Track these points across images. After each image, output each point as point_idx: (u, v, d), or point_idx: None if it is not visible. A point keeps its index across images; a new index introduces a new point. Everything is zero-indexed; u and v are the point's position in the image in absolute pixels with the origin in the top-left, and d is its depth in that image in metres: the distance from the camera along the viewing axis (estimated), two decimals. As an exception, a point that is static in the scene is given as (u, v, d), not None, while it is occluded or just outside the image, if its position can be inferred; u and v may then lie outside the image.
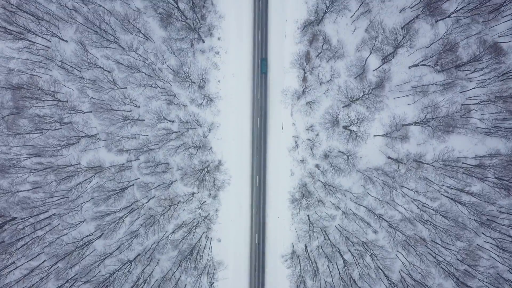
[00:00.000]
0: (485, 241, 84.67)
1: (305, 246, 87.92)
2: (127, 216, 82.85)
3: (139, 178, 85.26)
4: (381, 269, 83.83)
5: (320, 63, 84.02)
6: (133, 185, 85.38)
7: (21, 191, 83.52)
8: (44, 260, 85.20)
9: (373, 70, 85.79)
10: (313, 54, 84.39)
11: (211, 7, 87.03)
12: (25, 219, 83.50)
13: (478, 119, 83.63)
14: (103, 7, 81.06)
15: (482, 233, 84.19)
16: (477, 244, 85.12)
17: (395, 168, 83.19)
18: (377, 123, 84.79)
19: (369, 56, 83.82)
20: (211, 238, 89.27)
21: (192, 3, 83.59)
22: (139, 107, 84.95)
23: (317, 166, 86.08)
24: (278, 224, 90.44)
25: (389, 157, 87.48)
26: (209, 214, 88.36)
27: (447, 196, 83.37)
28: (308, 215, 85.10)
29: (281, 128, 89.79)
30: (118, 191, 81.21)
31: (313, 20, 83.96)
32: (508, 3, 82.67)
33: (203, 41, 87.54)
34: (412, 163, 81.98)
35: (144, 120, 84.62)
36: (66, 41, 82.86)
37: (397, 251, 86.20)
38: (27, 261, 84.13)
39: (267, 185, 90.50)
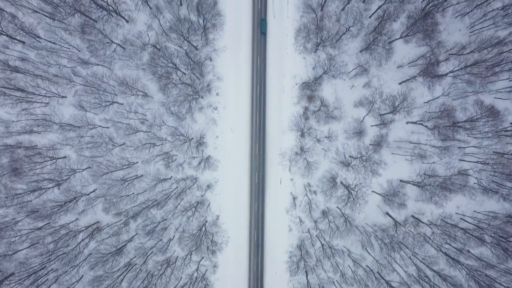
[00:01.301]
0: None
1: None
2: (124, 277, 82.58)
3: (135, 234, 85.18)
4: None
5: (318, 125, 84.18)
6: (131, 240, 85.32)
7: (20, 250, 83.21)
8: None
9: (371, 126, 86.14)
10: (311, 115, 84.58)
11: (210, 63, 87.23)
12: (23, 278, 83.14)
13: (475, 178, 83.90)
14: (105, 63, 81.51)
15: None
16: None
17: (393, 228, 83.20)
18: (375, 181, 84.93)
19: (366, 115, 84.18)
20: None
21: (190, 60, 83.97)
22: (136, 162, 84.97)
23: (316, 225, 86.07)
24: (276, 279, 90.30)
25: (387, 213, 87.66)
26: (207, 270, 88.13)
27: (445, 253, 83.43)
28: (307, 278, 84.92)
29: (279, 183, 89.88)
30: (115, 252, 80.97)
31: (311, 81, 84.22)
32: (504, 64, 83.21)
33: (202, 97, 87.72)
34: (410, 226, 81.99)
35: (142, 175, 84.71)
36: (65, 96, 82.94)
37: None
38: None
39: (265, 240, 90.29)
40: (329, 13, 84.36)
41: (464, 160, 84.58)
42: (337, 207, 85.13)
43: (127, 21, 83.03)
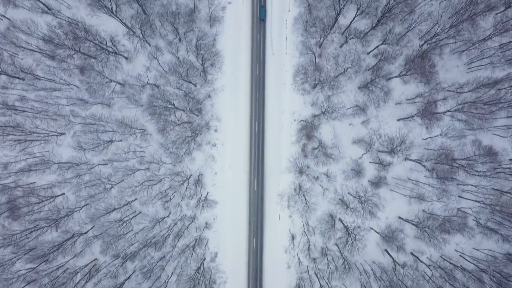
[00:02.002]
0: None
1: None
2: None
3: (133, 272, 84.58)
4: None
5: (316, 165, 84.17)
6: (128, 278, 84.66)
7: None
8: None
9: (370, 162, 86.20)
10: (309, 155, 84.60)
11: (209, 101, 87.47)
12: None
13: (474, 218, 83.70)
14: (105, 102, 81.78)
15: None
16: None
17: (392, 269, 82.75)
18: (373, 221, 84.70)
19: (365, 154, 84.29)
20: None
21: (189, 99, 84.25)
22: (135, 199, 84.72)
23: (314, 263, 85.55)
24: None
25: (386, 251, 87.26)
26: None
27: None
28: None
29: (278, 219, 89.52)
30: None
31: (309, 120, 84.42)
32: (501, 103, 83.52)
33: (200, 134, 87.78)
34: (409, 268, 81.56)
35: (140, 212, 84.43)
36: (64, 133, 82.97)
37: None
38: None
39: (263, 278, 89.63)
40: (327, 54, 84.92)
41: (462, 197, 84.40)
42: (336, 244, 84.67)
43: (126, 58, 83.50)
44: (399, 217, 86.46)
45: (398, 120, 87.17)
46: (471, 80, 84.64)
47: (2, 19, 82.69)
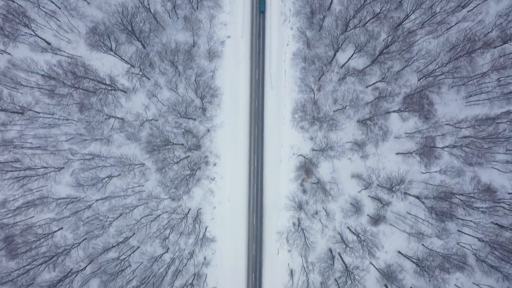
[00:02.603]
0: None
1: None
2: None
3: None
4: None
5: (315, 203, 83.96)
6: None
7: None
8: None
9: (369, 196, 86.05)
10: (308, 192, 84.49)
11: (208, 137, 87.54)
12: None
13: (474, 255, 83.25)
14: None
15: None
16: None
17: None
18: (373, 260, 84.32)
19: (364, 189, 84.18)
20: None
21: (188, 135, 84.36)
22: (133, 235, 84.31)
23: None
24: None
25: (385, 286, 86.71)
26: None
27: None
28: None
29: (277, 253, 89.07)
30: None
31: (308, 156, 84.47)
32: (500, 139, 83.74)
33: (199, 169, 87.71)
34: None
35: (139, 247, 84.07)
36: (63, 167, 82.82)
37: None
38: None
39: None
40: (326, 93, 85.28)
41: (462, 232, 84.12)
42: (336, 280, 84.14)
43: (125, 95, 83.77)
44: (399, 252, 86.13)
45: (397, 154, 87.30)
46: (469, 117, 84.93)
47: (2, 54, 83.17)
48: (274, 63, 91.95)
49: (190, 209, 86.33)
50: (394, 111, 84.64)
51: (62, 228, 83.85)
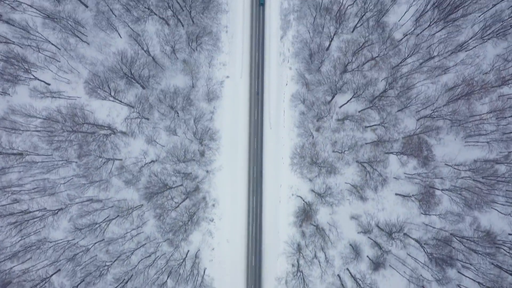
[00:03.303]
0: None
1: None
2: None
3: None
4: None
5: (314, 248, 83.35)
6: None
7: None
8: None
9: (368, 238, 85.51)
10: (308, 238, 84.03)
11: (206, 179, 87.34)
12: None
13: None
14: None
15: None
16: None
17: None
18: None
19: (363, 233, 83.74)
20: None
21: (187, 180, 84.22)
22: (131, 279, 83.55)
23: None
24: None
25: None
26: None
27: None
28: None
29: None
30: None
31: (307, 201, 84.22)
32: (500, 183, 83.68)
33: (198, 210, 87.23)
34: None
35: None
36: (61, 208, 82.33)
37: None
38: None
39: None
40: (324, 139, 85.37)
41: (462, 274, 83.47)
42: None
43: (124, 136, 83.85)
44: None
45: (396, 194, 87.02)
46: (468, 160, 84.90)
47: (3, 95, 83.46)
48: (273, 103, 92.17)
49: (188, 251, 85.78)
50: (393, 153, 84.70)
51: (59, 270, 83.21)
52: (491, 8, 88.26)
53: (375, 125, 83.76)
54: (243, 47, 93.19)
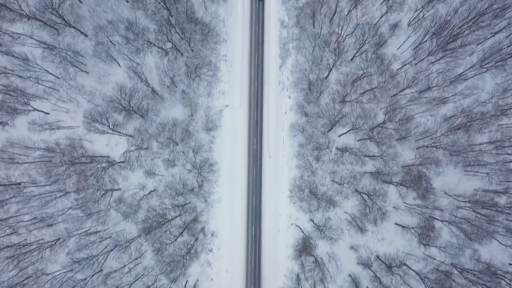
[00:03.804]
0: None
1: None
2: None
3: None
4: None
5: (313, 284, 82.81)
6: None
7: None
8: None
9: (369, 269, 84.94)
10: (307, 273, 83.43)
11: (205, 210, 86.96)
12: None
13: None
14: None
15: None
16: None
17: None
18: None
19: (363, 266, 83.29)
20: None
21: (185, 212, 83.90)
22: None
23: None
24: None
25: None
26: None
27: None
28: None
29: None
30: None
31: (307, 233, 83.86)
32: (500, 215, 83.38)
33: (196, 240, 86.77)
34: None
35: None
36: (59, 239, 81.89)
37: None
38: None
39: None
40: (323, 172, 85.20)
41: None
42: None
43: (122, 168, 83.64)
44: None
45: (396, 224, 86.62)
46: (468, 191, 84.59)
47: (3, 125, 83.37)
48: (272, 132, 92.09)
49: (187, 281, 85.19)
50: (392, 183, 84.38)
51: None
52: (489, 38, 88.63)
53: (374, 156, 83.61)
54: (242, 75, 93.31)
